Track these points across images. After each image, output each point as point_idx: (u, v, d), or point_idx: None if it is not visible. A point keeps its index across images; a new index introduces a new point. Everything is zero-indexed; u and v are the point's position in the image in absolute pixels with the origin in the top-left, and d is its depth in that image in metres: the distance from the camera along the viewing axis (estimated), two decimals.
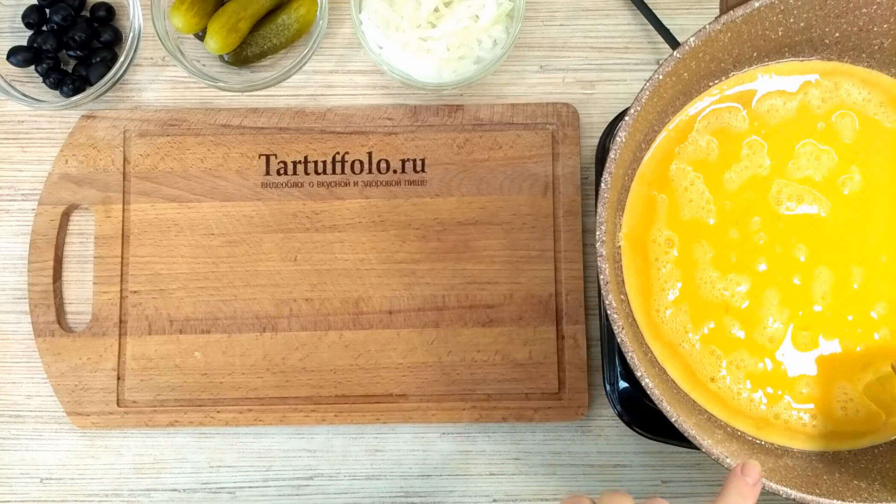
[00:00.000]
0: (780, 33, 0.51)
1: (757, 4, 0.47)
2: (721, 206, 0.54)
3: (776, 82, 0.55)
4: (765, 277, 0.53)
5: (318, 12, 0.66)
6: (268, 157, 0.66)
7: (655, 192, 0.54)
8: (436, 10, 0.64)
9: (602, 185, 0.47)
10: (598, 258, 0.46)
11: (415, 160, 0.66)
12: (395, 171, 0.66)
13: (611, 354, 0.62)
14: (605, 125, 0.65)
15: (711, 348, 0.53)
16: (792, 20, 0.50)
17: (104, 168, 0.66)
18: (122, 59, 0.66)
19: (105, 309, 0.65)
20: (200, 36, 0.66)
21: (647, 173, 0.54)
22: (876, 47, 0.53)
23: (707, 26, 0.48)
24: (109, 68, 0.66)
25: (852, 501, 0.46)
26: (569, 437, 0.65)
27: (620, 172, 0.51)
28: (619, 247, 0.53)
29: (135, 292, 0.65)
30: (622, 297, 0.53)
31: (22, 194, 0.67)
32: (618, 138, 0.47)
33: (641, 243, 0.54)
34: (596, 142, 0.66)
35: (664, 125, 0.54)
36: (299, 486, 0.65)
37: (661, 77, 0.47)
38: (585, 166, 0.66)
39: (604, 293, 0.46)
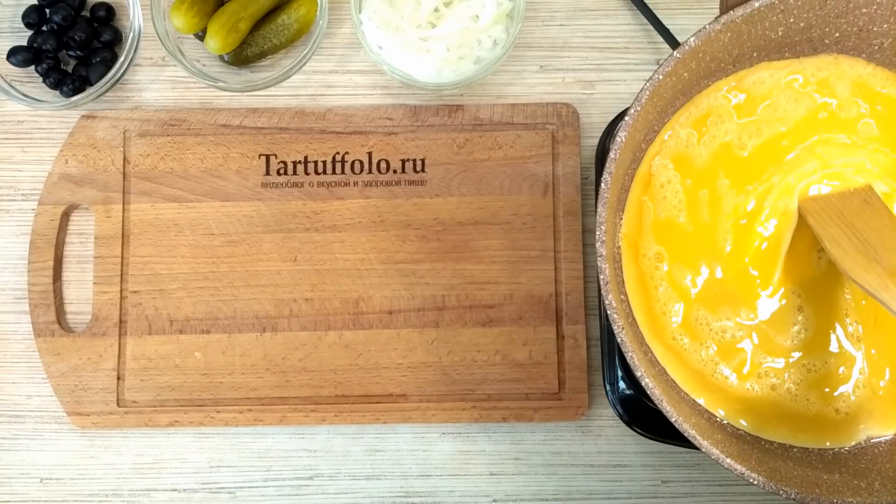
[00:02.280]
0: (780, 33, 0.51)
1: (757, 4, 0.47)
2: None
3: (776, 82, 0.55)
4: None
5: (318, 12, 0.66)
6: (268, 157, 0.66)
7: None
8: (436, 10, 0.64)
9: (602, 185, 0.46)
10: (598, 258, 0.46)
11: (415, 160, 0.66)
12: (395, 171, 0.66)
13: (611, 354, 0.62)
14: (605, 125, 0.65)
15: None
16: (792, 20, 0.50)
17: (104, 168, 0.66)
18: (122, 59, 0.66)
19: (105, 309, 0.65)
20: (200, 36, 0.66)
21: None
22: (876, 47, 0.53)
23: (707, 26, 0.48)
24: (109, 68, 0.66)
25: (852, 501, 0.46)
26: (569, 437, 0.65)
27: (620, 172, 0.51)
28: (619, 247, 0.53)
29: (135, 292, 0.65)
30: (622, 297, 0.53)
31: (22, 194, 0.67)
32: (618, 138, 0.47)
33: None
34: (596, 142, 0.66)
35: (664, 125, 0.54)
36: (299, 486, 0.65)
37: (661, 77, 0.47)
38: (585, 166, 0.66)
39: (604, 293, 0.46)
